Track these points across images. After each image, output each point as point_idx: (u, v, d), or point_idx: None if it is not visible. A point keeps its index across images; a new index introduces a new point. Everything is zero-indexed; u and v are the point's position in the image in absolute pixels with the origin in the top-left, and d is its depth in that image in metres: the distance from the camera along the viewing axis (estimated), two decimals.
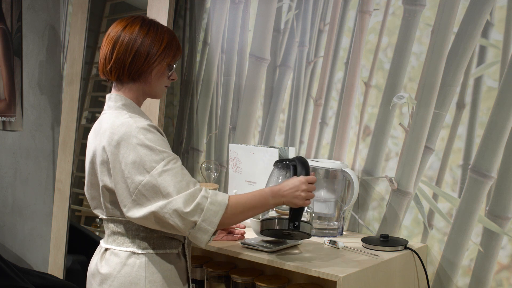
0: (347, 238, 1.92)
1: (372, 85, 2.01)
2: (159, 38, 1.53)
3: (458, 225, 1.82)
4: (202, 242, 1.44)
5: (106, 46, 1.54)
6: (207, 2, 2.51)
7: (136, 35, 1.51)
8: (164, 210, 1.40)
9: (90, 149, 1.57)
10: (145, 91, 1.58)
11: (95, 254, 1.61)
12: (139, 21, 1.55)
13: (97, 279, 1.54)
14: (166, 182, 1.41)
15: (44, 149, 3.18)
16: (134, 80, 1.55)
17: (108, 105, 1.57)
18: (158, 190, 1.41)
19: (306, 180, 1.54)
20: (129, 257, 1.51)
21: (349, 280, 1.51)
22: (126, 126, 1.46)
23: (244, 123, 2.37)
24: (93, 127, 1.61)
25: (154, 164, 1.42)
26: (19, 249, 3.19)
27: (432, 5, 1.88)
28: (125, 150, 1.43)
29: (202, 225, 1.42)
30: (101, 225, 3.21)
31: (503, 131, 1.73)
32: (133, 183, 1.42)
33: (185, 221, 1.40)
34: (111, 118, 1.51)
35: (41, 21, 3.14)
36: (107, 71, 1.55)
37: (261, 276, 1.88)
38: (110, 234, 1.56)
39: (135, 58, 1.51)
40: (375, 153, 2.00)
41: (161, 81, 1.57)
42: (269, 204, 1.52)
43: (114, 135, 1.46)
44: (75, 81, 2.88)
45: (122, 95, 1.56)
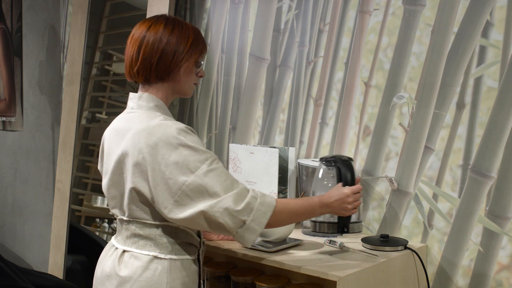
0: (347, 238, 1.92)
1: (372, 85, 2.01)
2: (185, 35, 1.53)
3: (458, 225, 1.82)
4: (249, 242, 1.45)
5: (131, 48, 1.53)
6: (207, 2, 2.51)
7: (161, 34, 1.51)
8: (214, 209, 1.39)
9: (117, 149, 1.52)
10: (175, 90, 1.57)
11: (108, 255, 1.56)
12: (163, 20, 1.54)
13: (113, 282, 1.50)
14: (212, 182, 1.40)
15: (44, 149, 3.18)
16: (162, 80, 1.54)
17: (138, 104, 1.54)
18: (204, 189, 1.40)
19: (352, 192, 1.59)
20: (151, 261, 1.48)
21: (349, 280, 1.51)
22: (164, 127, 1.44)
23: (244, 123, 2.37)
24: (114, 125, 1.57)
25: (198, 164, 1.41)
26: (19, 249, 3.19)
27: (432, 5, 1.88)
28: (165, 151, 1.41)
29: (251, 225, 1.42)
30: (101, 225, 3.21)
31: (503, 131, 1.73)
32: (176, 184, 1.41)
33: (235, 220, 1.41)
34: (144, 119, 1.49)
35: (41, 21, 3.14)
36: (134, 72, 1.54)
37: (261, 276, 1.88)
38: (129, 236, 1.52)
39: (162, 58, 1.50)
40: (375, 153, 2.00)
41: (190, 78, 1.57)
42: (316, 213, 1.57)
43: (152, 136, 1.43)
44: (75, 81, 2.88)
45: (153, 95, 1.55)
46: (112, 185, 1.54)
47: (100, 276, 1.56)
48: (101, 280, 1.55)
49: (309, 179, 1.96)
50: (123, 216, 1.54)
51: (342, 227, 1.67)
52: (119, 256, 1.52)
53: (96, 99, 3.24)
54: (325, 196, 1.58)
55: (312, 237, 1.92)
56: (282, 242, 1.77)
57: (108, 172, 1.55)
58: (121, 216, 1.55)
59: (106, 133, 1.61)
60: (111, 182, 1.54)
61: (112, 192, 1.55)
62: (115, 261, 1.52)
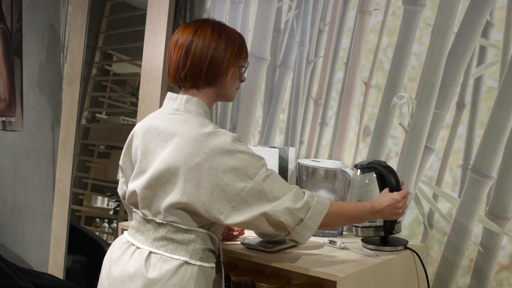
0: (347, 238, 1.92)
1: (372, 85, 2.01)
2: (232, 41, 1.54)
3: (458, 225, 1.82)
4: (305, 239, 1.49)
5: (177, 53, 1.52)
6: (207, 2, 2.51)
7: (209, 40, 1.51)
8: (276, 208, 1.43)
9: (162, 152, 1.50)
10: (220, 94, 1.59)
11: (128, 254, 1.53)
12: (209, 25, 1.54)
13: (138, 283, 1.47)
14: (271, 187, 1.44)
15: (44, 149, 3.18)
16: (209, 85, 1.55)
17: (186, 108, 1.53)
18: (263, 195, 1.43)
19: (401, 197, 1.64)
20: (181, 266, 1.47)
21: (349, 280, 1.51)
22: (220, 134, 1.46)
23: (244, 123, 2.37)
24: (153, 123, 1.55)
25: (256, 170, 1.44)
26: (19, 249, 3.19)
27: (432, 5, 1.88)
28: (223, 157, 1.43)
29: (307, 222, 1.47)
30: (101, 225, 3.21)
31: (503, 131, 1.73)
32: (234, 190, 1.43)
33: (294, 217, 1.45)
34: (195, 125, 1.48)
35: (41, 21, 3.14)
36: (181, 77, 1.53)
37: (261, 276, 1.88)
38: (158, 238, 1.50)
39: (211, 63, 1.51)
40: (375, 153, 2.00)
41: (235, 83, 1.59)
42: (366, 218, 1.65)
43: (207, 143, 1.44)
44: (75, 81, 2.88)
45: (201, 100, 1.55)
46: (151, 187, 1.51)
47: (120, 275, 1.52)
48: (121, 280, 1.51)
49: (309, 179, 1.96)
50: (155, 217, 1.51)
51: (389, 230, 1.74)
52: (145, 258, 1.49)
53: (96, 99, 3.25)
54: (376, 202, 1.63)
55: (312, 237, 1.92)
56: (282, 242, 1.77)
57: (147, 173, 1.52)
58: (151, 217, 1.52)
59: (140, 130, 1.58)
60: (151, 182, 1.50)
61: (146, 192, 1.52)
62: (141, 262, 1.49)
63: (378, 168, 1.72)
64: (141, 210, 1.55)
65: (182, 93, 1.57)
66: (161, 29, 2.43)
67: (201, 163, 1.43)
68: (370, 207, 1.62)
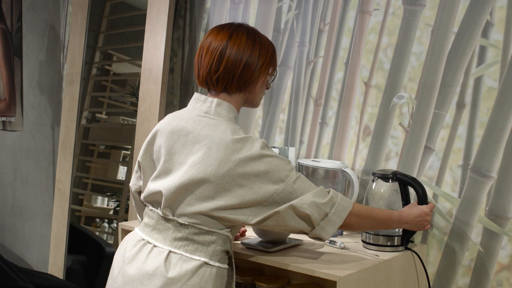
0: (347, 238, 1.92)
1: (372, 85, 2.01)
2: (265, 48, 1.56)
3: (458, 225, 1.82)
4: (329, 234, 1.52)
5: (210, 56, 1.53)
6: (207, 2, 2.51)
7: (244, 46, 1.53)
8: (303, 201, 1.47)
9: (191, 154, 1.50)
10: (248, 100, 1.60)
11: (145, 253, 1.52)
12: (244, 31, 1.55)
13: (157, 282, 1.46)
14: (302, 188, 1.49)
15: (44, 149, 3.18)
16: (240, 90, 1.56)
17: (217, 112, 1.54)
18: (294, 196, 1.48)
19: (430, 210, 1.70)
20: (201, 266, 1.47)
21: (349, 280, 1.51)
22: (251, 141, 1.48)
23: (244, 123, 2.37)
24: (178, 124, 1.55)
25: (287, 172, 1.48)
26: (19, 249, 3.19)
27: (432, 5, 1.88)
28: (255, 162, 1.46)
29: (332, 218, 1.51)
30: (101, 225, 3.21)
31: (503, 131, 1.73)
32: (266, 193, 1.47)
33: (320, 211, 1.49)
34: (227, 131, 1.49)
35: (41, 21, 3.14)
36: (212, 81, 1.54)
37: (261, 276, 1.88)
38: (179, 238, 1.50)
39: (244, 69, 1.53)
40: (375, 153, 2.00)
41: (263, 90, 1.62)
42: (392, 226, 1.67)
43: (240, 149, 1.46)
44: (75, 81, 2.88)
45: (231, 105, 1.56)
46: (178, 188, 1.50)
47: (137, 274, 1.50)
48: (139, 279, 1.49)
49: (309, 179, 1.96)
50: (178, 218, 1.51)
51: (407, 239, 1.78)
52: (165, 257, 1.49)
53: (96, 99, 3.25)
54: (404, 212, 1.68)
55: None
56: (282, 242, 1.77)
57: (174, 174, 1.52)
58: (173, 217, 1.52)
59: (165, 128, 1.57)
60: (180, 185, 1.50)
61: (174, 195, 1.51)
62: (160, 261, 1.48)
63: (412, 182, 1.75)
64: (162, 209, 1.53)
65: (211, 96, 1.57)
66: (161, 29, 2.43)
67: (233, 168, 1.45)
68: (398, 215, 1.66)
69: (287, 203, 1.48)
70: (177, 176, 1.50)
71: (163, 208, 1.53)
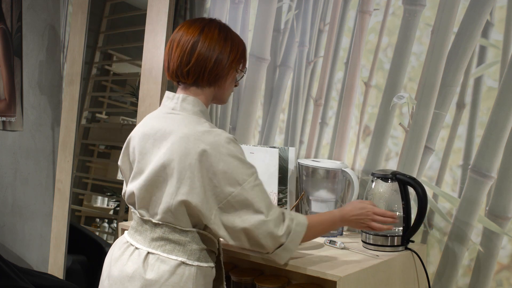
0: (347, 238, 1.92)
1: (372, 85, 2.01)
2: (236, 45, 1.56)
3: (458, 225, 1.82)
4: (284, 260, 1.52)
5: (180, 49, 1.52)
6: (207, 2, 2.51)
7: (216, 41, 1.53)
8: (259, 231, 1.44)
9: (158, 151, 1.50)
10: (216, 96, 1.59)
11: (127, 255, 1.53)
12: (216, 26, 1.55)
13: (137, 283, 1.47)
14: (258, 197, 1.44)
15: (44, 149, 3.18)
16: (210, 85, 1.56)
17: (182, 107, 1.54)
18: (249, 203, 1.43)
19: (374, 213, 1.65)
20: (179, 266, 1.47)
21: (349, 280, 1.51)
22: (214, 134, 1.45)
23: (244, 123, 2.37)
24: (150, 123, 1.56)
25: (246, 177, 1.44)
26: (19, 249, 3.19)
27: (432, 5, 1.88)
28: (214, 159, 1.42)
29: (288, 246, 1.48)
30: (101, 225, 3.21)
31: (503, 131, 1.73)
32: (222, 193, 1.43)
33: (275, 242, 1.46)
34: (190, 123, 1.48)
35: (41, 21, 3.14)
36: (183, 73, 1.53)
37: (261, 276, 1.88)
38: (156, 239, 1.50)
39: (215, 64, 1.52)
40: (375, 153, 2.00)
41: (232, 86, 1.61)
42: (336, 227, 1.68)
43: (201, 142, 1.43)
44: (75, 81, 2.88)
45: (199, 99, 1.55)
46: (148, 187, 1.51)
47: (118, 276, 1.52)
48: (121, 280, 1.51)
49: (309, 179, 1.97)
50: (152, 218, 1.51)
51: (407, 239, 1.76)
52: (143, 258, 1.49)
53: (96, 99, 3.24)
54: (345, 210, 1.65)
55: None
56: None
57: (144, 173, 1.52)
58: (148, 217, 1.52)
59: (139, 130, 1.58)
60: (148, 183, 1.51)
61: (143, 193, 1.52)
62: (139, 263, 1.49)
63: (405, 180, 1.74)
64: (138, 210, 1.55)
65: (180, 91, 1.57)
66: (161, 29, 2.43)
67: (194, 163, 1.43)
68: (339, 216, 1.63)
69: (241, 225, 1.44)
70: (145, 174, 1.52)
71: (138, 208, 1.55)
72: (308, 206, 1.97)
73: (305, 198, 1.98)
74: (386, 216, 1.66)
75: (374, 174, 1.82)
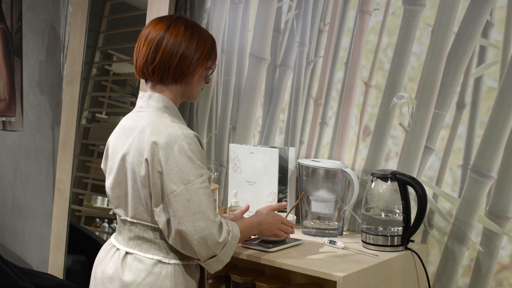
0: (347, 238, 1.92)
1: (372, 85, 2.01)
2: (203, 41, 1.55)
3: (458, 225, 1.82)
4: (214, 270, 1.49)
5: (147, 46, 1.52)
6: (207, 2, 2.51)
7: (181, 37, 1.51)
8: (194, 237, 1.41)
9: (122, 147, 1.52)
10: (184, 94, 1.58)
11: (108, 256, 1.55)
12: (182, 22, 1.54)
13: (116, 285, 1.49)
14: (200, 201, 1.41)
15: (44, 149, 3.18)
16: (176, 82, 1.55)
17: (148, 104, 1.54)
18: (189, 206, 1.41)
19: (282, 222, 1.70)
20: (155, 265, 1.47)
21: (349, 280, 1.51)
22: (169, 129, 1.44)
23: (244, 123, 2.37)
24: (122, 123, 1.57)
25: (192, 178, 1.42)
26: (19, 249, 3.19)
27: (432, 5, 1.88)
28: (164, 153, 1.42)
29: (221, 257, 1.46)
30: (101, 225, 3.21)
31: (503, 131, 1.73)
32: (166, 189, 1.42)
33: (208, 251, 1.43)
34: (152, 118, 1.49)
35: (41, 21, 3.14)
36: (149, 71, 1.53)
37: (261, 276, 1.88)
38: (132, 238, 1.51)
39: (181, 61, 1.51)
40: (375, 153, 2.00)
41: (200, 84, 1.59)
42: (254, 234, 1.69)
43: (156, 136, 1.43)
44: (75, 81, 2.88)
45: (165, 96, 1.54)
46: (116, 184, 1.53)
47: (101, 277, 1.54)
48: (102, 281, 1.53)
49: (309, 179, 1.97)
50: (127, 217, 1.52)
51: (407, 239, 1.77)
52: (122, 258, 1.50)
53: (96, 99, 3.24)
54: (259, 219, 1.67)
55: (312, 237, 1.92)
56: (282, 242, 1.77)
57: (113, 171, 1.54)
58: (124, 216, 1.53)
59: (114, 132, 1.60)
60: (116, 181, 1.53)
61: (116, 192, 1.54)
62: (118, 263, 1.50)
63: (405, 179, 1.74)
64: (114, 210, 1.57)
65: (149, 89, 1.58)
66: None
67: (147, 156, 1.44)
68: (257, 223, 1.65)
69: (176, 228, 1.42)
70: (113, 172, 1.54)
71: (114, 208, 1.57)
72: (308, 206, 1.97)
73: (305, 198, 1.98)
74: (289, 225, 1.72)
75: (374, 174, 1.82)
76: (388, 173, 1.79)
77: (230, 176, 2.21)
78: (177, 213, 1.41)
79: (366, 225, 1.81)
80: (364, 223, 1.82)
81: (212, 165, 2.31)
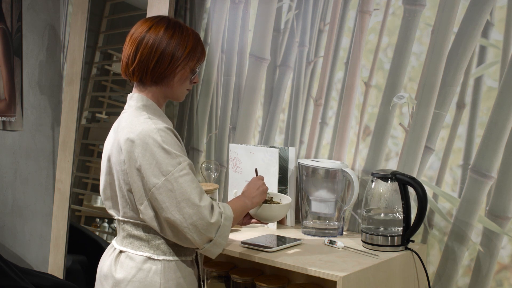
0: (347, 238, 1.92)
1: (372, 85, 2.01)
2: (184, 41, 1.52)
3: (458, 225, 1.82)
4: (215, 255, 1.48)
5: (130, 47, 1.52)
6: (207, 2, 2.51)
7: (161, 37, 1.49)
8: (184, 225, 1.41)
9: (107, 148, 1.55)
10: (167, 95, 1.57)
11: (107, 255, 1.58)
12: (164, 22, 1.52)
13: (109, 282, 1.52)
14: (183, 188, 1.41)
15: (44, 149, 3.18)
16: (156, 83, 1.53)
17: (129, 104, 1.55)
18: (173, 195, 1.41)
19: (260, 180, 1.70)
20: (145, 262, 1.49)
21: (349, 280, 1.51)
22: (143, 125, 1.45)
23: (244, 123, 2.37)
24: (112, 126, 1.59)
25: (170, 168, 1.42)
26: (19, 249, 3.19)
27: (432, 5, 1.88)
28: (140, 149, 1.42)
29: (217, 240, 1.45)
30: (101, 225, 3.21)
31: (503, 131, 1.73)
32: (148, 184, 1.42)
33: (202, 237, 1.43)
34: (130, 117, 1.50)
35: (41, 21, 3.14)
36: (129, 72, 1.53)
37: (261, 276, 1.88)
38: (125, 236, 1.53)
39: (159, 61, 1.49)
40: (375, 153, 2.00)
41: (183, 85, 1.57)
42: (248, 209, 1.65)
43: (130, 133, 1.45)
44: (75, 81, 2.88)
45: (144, 95, 1.54)
46: (107, 186, 1.55)
47: (99, 275, 1.58)
48: (99, 279, 1.57)
49: (309, 179, 1.97)
50: (119, 216, 1.55)
51: (407, 239, 1.76)
52: (115, 257, 1.53)
53: (96, 99, 3.24)
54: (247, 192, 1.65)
55: (312, 237, 1.92)
56: (282, 242, 1.77)
57: (103, 173, 1.56)
58: (117, 216, 1.56)
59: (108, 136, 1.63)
60: (106, 182, 1.55)
61: (107, 193, 1.56)
62: (112, 261, 1.53)
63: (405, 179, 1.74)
64: (109, 211, 1.59)
65: (133, 90, 1.58)
66: None
67: (125, 154, 1.45)
68: (246, 198, 1.63)
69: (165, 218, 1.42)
70: (103, 174, 1.56)
71: (108, 209, 1.58)
72: (308, 206, 1.97)
73: (305, 198, 1.98)
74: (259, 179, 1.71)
75: (374, 174, 1.82)
76: (388, 173, 1.79)
77: (230, 176, 2.21)
78: (163, 204, 1.42)
79: (366, 225, 1.81)
80: (364, 223, 1.82)
81: (212, 165, 2.31)
